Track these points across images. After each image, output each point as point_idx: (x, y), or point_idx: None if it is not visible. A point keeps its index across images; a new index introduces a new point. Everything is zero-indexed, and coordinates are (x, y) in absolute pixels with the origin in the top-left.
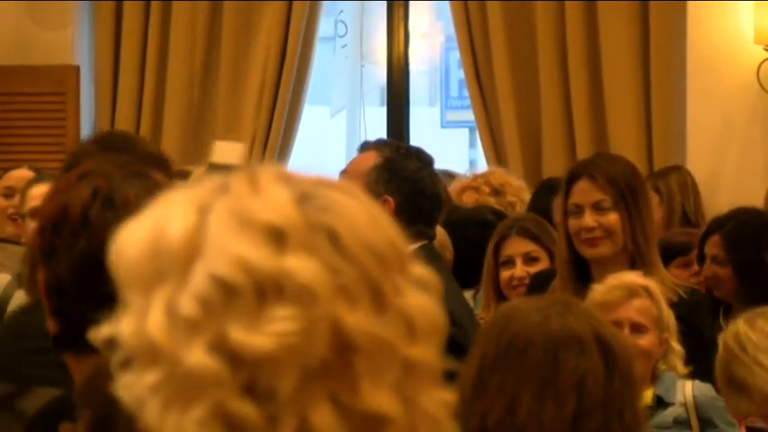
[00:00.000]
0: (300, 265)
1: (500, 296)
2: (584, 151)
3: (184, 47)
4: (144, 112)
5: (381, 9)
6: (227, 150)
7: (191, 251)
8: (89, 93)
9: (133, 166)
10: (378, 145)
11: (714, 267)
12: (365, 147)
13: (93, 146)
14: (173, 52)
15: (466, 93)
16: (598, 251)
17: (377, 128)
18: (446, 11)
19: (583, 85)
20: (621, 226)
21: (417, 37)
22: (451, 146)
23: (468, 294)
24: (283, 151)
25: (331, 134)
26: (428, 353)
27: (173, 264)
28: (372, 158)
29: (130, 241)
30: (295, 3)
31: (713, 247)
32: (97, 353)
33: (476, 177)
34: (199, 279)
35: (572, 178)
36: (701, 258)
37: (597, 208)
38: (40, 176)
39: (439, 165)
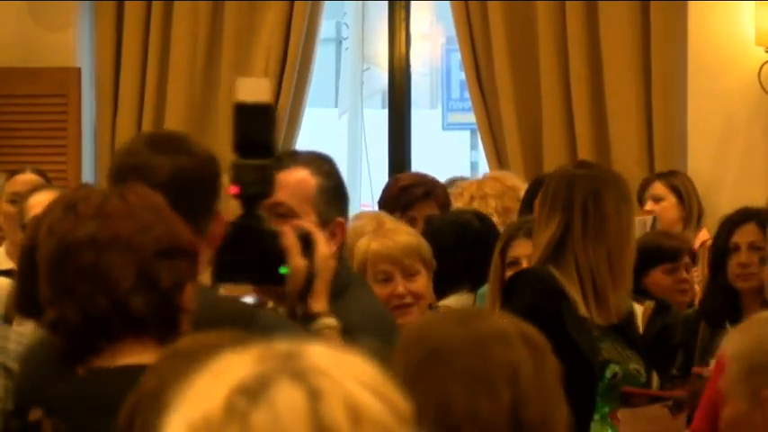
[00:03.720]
0: None
1: None
2: (584, 152)
3: (186, 48)
4: (145, 113)
5: (383, 11)
6: (252, 88)
7: None
8: (90, 95)
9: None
10: (309, 160)
11: (752, 255)
12: (290, 162)
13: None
14: (174, 54)
15: (467, 95)
16: None
17: (378, 130)
18: (447, 12)
19: (584, 86)
20: None
21: (418, 39)
22: (453, 148)
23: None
24: None
25: (332, 136)
26: None
27: None
28: (311, 177)
29: None
30: (296, 3)
31: (750, 234)
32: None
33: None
34: None
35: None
36: (723, 253)
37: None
38: (41, 185)
39: (440, 167)
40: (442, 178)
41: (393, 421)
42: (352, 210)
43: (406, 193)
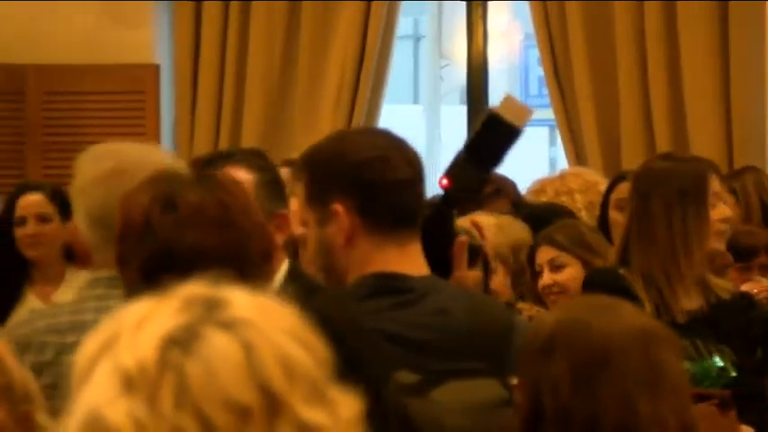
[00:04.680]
0: (120, 415)
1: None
2: (663, 149)
3: (263, 46)
4: (224, 110)
5: (461, 9)
6: (515, 110)
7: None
8: (168, 92)
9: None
10: (242, 158)
11: None
12: (224, 162)
13: None
14: (252, 51)
15: (545, 91)
16: None
17: (456, 126)
18: (524, 10)
19: (662, 84)
20: None
21: (496, 36)
22: (531, 144)
23: None
24: None
25: (411, 133)
26: None
27: None
28: (247, 174)
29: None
30: (373, 3)
31: None
32: None
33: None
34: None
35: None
36: None
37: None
38: None
39: (519, 163)
40: (521, 174)
41: (319, 372)
42: None
43: None
